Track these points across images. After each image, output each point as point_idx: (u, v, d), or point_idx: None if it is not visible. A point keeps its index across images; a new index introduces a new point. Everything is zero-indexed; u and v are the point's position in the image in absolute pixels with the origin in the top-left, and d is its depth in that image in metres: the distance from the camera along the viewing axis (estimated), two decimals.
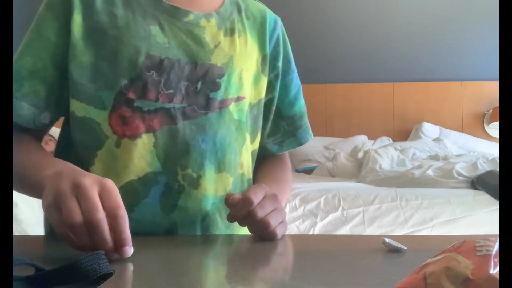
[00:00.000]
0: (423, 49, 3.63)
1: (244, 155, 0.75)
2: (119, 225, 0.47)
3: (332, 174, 2.92)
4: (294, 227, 1.88)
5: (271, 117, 0.82)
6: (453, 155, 2.72)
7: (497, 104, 3.60)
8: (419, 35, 3.59)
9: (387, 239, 0.55)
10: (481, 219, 1.82)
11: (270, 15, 0.81)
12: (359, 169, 2.73)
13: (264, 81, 0.78)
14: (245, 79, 0.73)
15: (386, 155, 2.62)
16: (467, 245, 0.28)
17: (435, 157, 2.68)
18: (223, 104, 0.70)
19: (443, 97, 3.69)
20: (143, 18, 0.67)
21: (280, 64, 0.80)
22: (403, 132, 3.67)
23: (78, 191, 0.47)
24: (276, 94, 0.81)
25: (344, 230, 1.85)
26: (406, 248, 0.53)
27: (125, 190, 0.63)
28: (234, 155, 0.72)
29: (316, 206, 1.92)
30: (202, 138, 0.68)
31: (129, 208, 0.59)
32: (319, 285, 0.41)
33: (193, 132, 0.67)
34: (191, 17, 0.69)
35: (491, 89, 3.64)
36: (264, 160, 0.85)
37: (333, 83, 3.74)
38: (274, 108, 0.82)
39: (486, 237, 0.28)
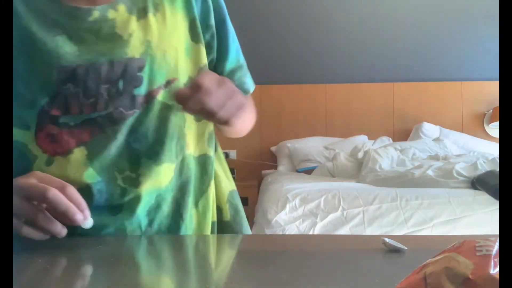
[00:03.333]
0: (423, 49, 3.63)
1: (189, 135, 0.72)
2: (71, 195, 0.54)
3: (332, 174, 2.92)
4: (294, 227, 1.88)
5: None
6: (453, 155, 2.72)
7: (497, 104, 3.60)
8: (419, 35, 3.59)
9: (387, 239, 0.55)
10: (481, 219, 1.82)
11: None
12: (359, 169, 2.74)
13: (199, 49, 0.71)
14: (171, 59, 0.67)
15: (386, 155, 2.62)
16: (467, 245, 0.28)
17: (435, 157, 2.68)
18: (150, 96, 0.66)
19: (443, 97, 3.69)
20: (47, 28, 0.62)
21: (212, 22, 0.74)
22: (403, 132, 3.67)
23: (22, 188, 0.54)
24: (215, 54, 0.76)
25: (344, 230, 1.86)
26: (406, 248, 0.53)
27: None
28: (176, 141, 0.70)
29: (316, 206, 1.92)
30: (133, 138, 0.66)
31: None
32: (320, 285, 0.41)
33: (124, 135, 0.65)
34: (95, 14, 0.63)
35: (491, 89, 3.64)
36: None
37: (333, 83, 3.75)
38: (213, 67, 0.77)
39: (486, 237, 0.28)
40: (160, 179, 0.68)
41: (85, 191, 0.63)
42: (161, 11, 0.67)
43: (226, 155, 3.69)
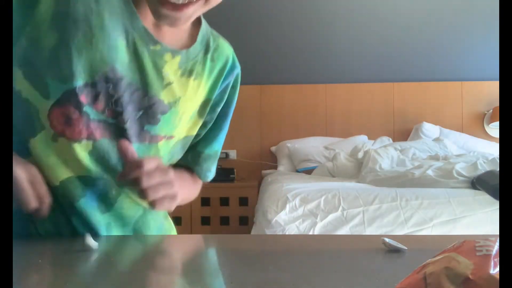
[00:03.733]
0: (423, 49, 3.63)
1: None
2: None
3: (332, 174, 2.92)
4: (294, 227, 1.88)
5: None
6: (453, 155, 2.72)
7: (497, 104, 3.60)
8: (419, 35, 3.59)
9: (387, 239, 0.55)
10: (481, 219, 1.82)
11: (232, 63, 0.80)
12: (359, 169, 2.74)
13: (198, 122, 0.78)
14: (183, 121, 0.74)
15: (386, 155, 2.62)
16: (467, 245, 0.28)
17: (435, 157, 2.68)
18: (153, 139, 0.71)
19: (443, 97, 3.69)
20: (116, 26, 0.64)
21: (219, 109, 0.80)
22: (403, 132, 3.67)
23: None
24: (203, 134, 0.82)
25: (344, 230, 1.86)
26: (406, 248, 0.53)
27: (64, 186, 0.66)
28: None
29: (316, 206, 1.92)
30: None
31: (70, 204, 0.65)
32: (320, 285, 0.41)
33: None
34: (158, 47, 0.67)
35: (491, 89, 3.64)
36: None
37: (333, 83, 3.75)
38: (195, 142, 0.82)
39: (486, 237, 0.28)
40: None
41: (83, 180, 0.66)
42: (198, 80, 0.74)
43: (226, 155, 3.69)
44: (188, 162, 0.82)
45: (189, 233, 3.11)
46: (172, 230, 0.84)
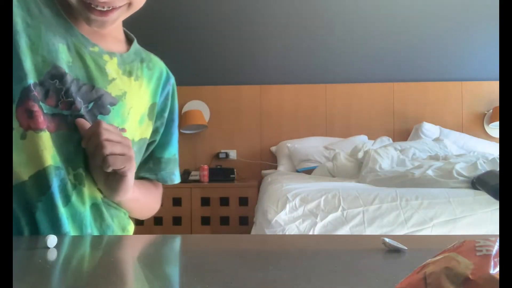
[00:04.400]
0: (423, 49, 3.63)
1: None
2: None
3: (332, 174, 2.92)
4: (294, 227, 1.88)
5: (146, 155, 0.90)
6: (453, 155, 2.72)
7: (497, 104, 3.60)
8: (419, 35, 3.59)
9: (387, 239, 0.55)
10: (481, 219, 1.82)
11: (167, 73, 0.91)
12: (359, 169, 2.73)
13: (150, 125, 0.86)
14: (132, 116, 0.80)
15: (386, 155, 2.62)
16: (467, 245, 0.28)
17: (435, 157, 2.68)
18: None
19: (443, 97, 3.69)
20: (53, 35, 0.73)
21: (166, 115, 0.90)
22: (403, 132, 3.67)
23: None
24: (158, 140, 0.90)
25: (344, 230, 1.85)
26: (406, 248, 0.53)
27: (35, 180, 0.70)
28: None
29: (316, 206, 1.92)
30: None
31: (38, 199, 0.69)
32: (319, 285, 0.41)
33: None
34: (96, 48, 0.77)
35: (491, 89, 3.65)
36: None
37: (333, 83, 3.75)
38: (152, 150, 0.90)
39: (486, 237, 0.28)
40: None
41: (48, 171, 0.70)
42: (139, 81, 0.83)
43: (226, 155, 3.69)
44: (151, 169, 0.90)
45: (189, 233, 3.11)
46: (130, 225, 0.87)
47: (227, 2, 3.45)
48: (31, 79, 0.69)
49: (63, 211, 0.71)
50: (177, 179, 0.94)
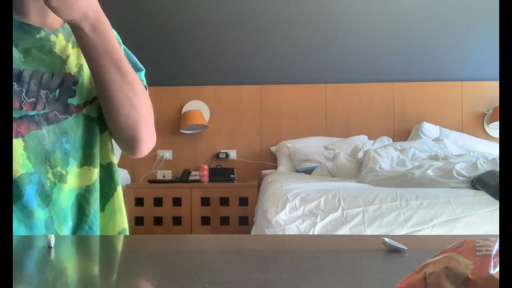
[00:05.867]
0: (423, 49, 3.63)
1: (100, 146, 0.83)
2: None
3: (332, 174, 2.92)
4: (294, 227, 1.88)
5: None
6: (453, 155, 2.72)
7: (497, 104, 3.60)
8: (419, 35, 3.59)
9: (387, 239, 0.55)
10: (481, 219, 1.82)
11: None
12: (359, 169, 2.74)
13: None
14: (92, 83, 0.79)
15: (386, 155, 2.62)
16: (467, 245, 0.28)
17: (435, 157, 2.68)
18: (78, 108, 0.78)
19: (443, 97, 3.69)
20: None
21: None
22: (403, 132, 3.67)
23: None
24: None
25: (344, 230, 1.86)
26: (406, 248, 0.53)
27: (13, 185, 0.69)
28: (96, 149, 0.81)
29: (316, 206, 1.92)
30: (65, 139, 0.76)
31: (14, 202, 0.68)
32: (319, 285, 0.41)
33: (57, 135, 0.75)
34: (42, 33, 0.75)
35: (491, 89, 3.65)
36: None
37: (333, 83, 3.75)
38: None
39: (486, 237, 0.28)
40: (82, 180, 0.78)
41: (19, 181, 0.69)
42: None
43: (226, 155, 3.69)
44: None
45: (189, 233, 3.11)
46: (124, 223, 0.86)
47: (227, 2, 3.45)
48: None
49: (41, 213, 0.71)
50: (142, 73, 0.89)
